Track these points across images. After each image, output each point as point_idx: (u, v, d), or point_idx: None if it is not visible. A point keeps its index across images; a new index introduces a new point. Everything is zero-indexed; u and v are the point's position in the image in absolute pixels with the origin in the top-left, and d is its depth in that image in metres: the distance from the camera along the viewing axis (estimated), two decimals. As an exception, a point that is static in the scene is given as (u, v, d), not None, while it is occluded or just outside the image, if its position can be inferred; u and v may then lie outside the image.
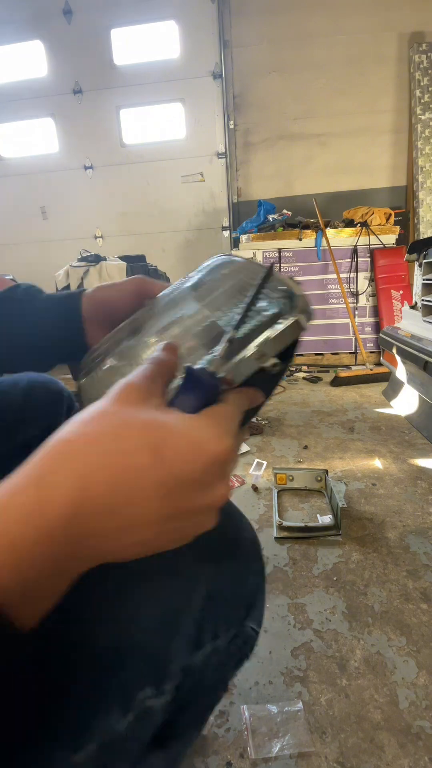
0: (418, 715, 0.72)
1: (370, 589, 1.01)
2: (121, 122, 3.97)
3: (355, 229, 3.29)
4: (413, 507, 1.33)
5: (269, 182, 3.94)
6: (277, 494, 1.42)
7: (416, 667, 0.81)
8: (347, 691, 0.77)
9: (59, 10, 3.78)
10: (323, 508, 1.36)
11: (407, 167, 3.76)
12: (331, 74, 3.68)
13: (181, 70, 3.81)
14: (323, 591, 1.01)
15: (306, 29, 3.62)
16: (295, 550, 1.16)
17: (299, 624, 0.92)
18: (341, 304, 3.30)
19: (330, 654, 0.85)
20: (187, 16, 3.71)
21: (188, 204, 4.02)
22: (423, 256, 1.66)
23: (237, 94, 3.82)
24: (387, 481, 1.50)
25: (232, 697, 0.77)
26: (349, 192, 3.85)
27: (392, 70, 3.64)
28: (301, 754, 0.67)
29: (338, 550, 1.15)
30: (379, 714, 0.73)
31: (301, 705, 0.74)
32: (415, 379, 1.61)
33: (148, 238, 4.11)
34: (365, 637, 0.88)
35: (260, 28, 3.67)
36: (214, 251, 4.05)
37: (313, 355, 3.41)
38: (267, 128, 3.84)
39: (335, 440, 1.89)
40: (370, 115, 3.72)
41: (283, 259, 3.30)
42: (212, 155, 3.92)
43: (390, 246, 3.30)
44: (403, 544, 1.16)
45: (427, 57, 3.52)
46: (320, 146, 3.82)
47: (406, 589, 1.00)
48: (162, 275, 3.06)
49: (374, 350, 3.34)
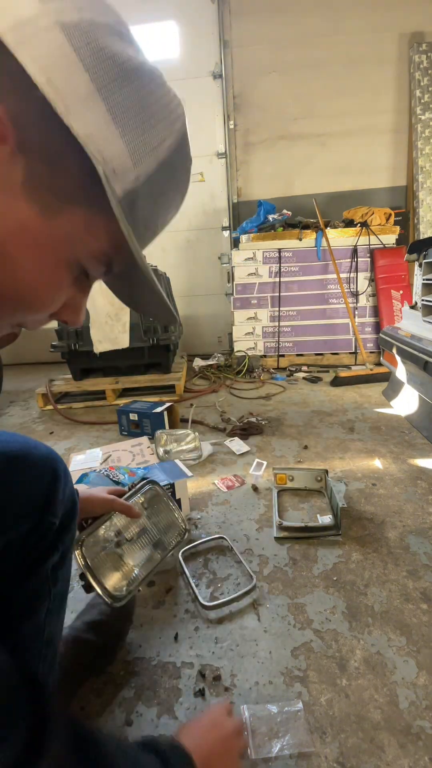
0: (418, 715, 0.72)
1: (370, 589, 1.01)
2: (121, 122, 3.98)
3: (355, 229, 3.29)
4: (413, 507, 1.33)
5: (269, 182, 3.94)
6: (277, 494, 1.42)
7: (416, 667, 0.81)
8: (347, 691, 0.77)
9: (59, 10, 3.78)
10: (323, 508, 1.36)
11: (407, 167, 3.76)
12: (331, 74, 3.68)
13: (181, 70, 3.81)
14: (323, 591, 1.01)
15: (306, 29, 3.62)
16: (295, 550, 1.17)
17: (299, 624, 0.92)
18: (341, 304, 3.30)
19: (330, 654, 0.85)
20: (187, 16, 3.71)
21: (188, 204, 3.96)
22: (423, 256, 1.66)
23: (237, 94, 3.81)
24: (387, 481, 1.50)
25: (232, 697, 0.77)
26: (349, 192, 3.85)
27: (392, 70, 3.64)
28: (301, 754, 0.67)
29: (338, 550, 1.15)
30: (379, 714, 0.73)
31: (301, 705, 0.74)
32: (415, 379, 1.61)
33: (148, 238, 4.11)
34: (365, 637, 0.88)
35: (260, 28, 3.66)
36: (214, 251, 4.07)
37: (313, 355, 3.41)
38: (267, 128, 3.84)
39: (335, 440, 1.89)
40: (370, 115, 3.72)
41: (283, 259, 3.31)
42: (212, 155, 3.91)
43: (390, 246, 3.30)
44: (403, 544, 1.16)
45: (427, 57, 3.52)
46: (320, 146, 3.82)
47: (406, 589, 1.00)
48: (162, 275, 3.05)
49: (374, 350, 3.34)
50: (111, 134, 0.29)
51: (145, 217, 0.36)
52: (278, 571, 1.09)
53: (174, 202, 0.40)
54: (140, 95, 0.31)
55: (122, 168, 0.30)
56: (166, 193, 0.37)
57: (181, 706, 0.76)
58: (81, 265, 0.35)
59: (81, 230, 0.32)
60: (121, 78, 0.30)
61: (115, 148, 0.30)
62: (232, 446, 1.86)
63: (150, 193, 0.34)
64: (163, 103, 0.33)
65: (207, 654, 0.86)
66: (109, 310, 2.59)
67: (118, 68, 0.30)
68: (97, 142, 0.29)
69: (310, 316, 3.39)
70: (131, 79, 0.31)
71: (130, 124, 0.30)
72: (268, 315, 3.41)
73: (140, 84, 0.31)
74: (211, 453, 1.80)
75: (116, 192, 0.30)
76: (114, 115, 0.29)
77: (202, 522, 1.32)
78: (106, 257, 0.35)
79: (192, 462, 1.72)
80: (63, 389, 2.69)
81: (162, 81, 0.34)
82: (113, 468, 1.26)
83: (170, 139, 0.34)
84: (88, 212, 0.32)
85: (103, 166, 0.29)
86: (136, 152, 0.31)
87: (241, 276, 3.38)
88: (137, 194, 0.32)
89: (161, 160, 0.33)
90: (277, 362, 3.42)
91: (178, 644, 0.89)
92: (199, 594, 1.00)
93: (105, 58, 0.29)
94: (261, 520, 1.31)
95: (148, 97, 0.32)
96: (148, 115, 0.32)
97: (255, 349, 3.47)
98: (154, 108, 0.32)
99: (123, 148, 0.30)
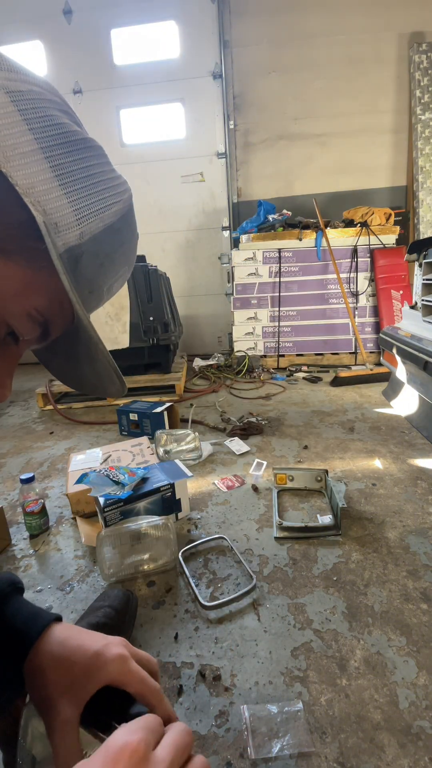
0: (418, 715, 0.72)
1: (370, 589, 1.01)
2: (121, 122, 3.97)
3: (355, 229, 3.29)
4: (413, 507, 1.33)
5: (269, 182, 3.94)
6: (277, 494, 1.42)
7: (416, 667, 0.81)
8: (347, 691, 0.77)
9: (59, 10, 3.78)
10: (323, 508, 1.36)
11: (407, 167, 3.76)
12: (331, 74, 3.68)
13: (181, 70, 3.81)
14: (323, 591, 1.01)
15: (306, 29, 3.62)
16: (295, 550, 1.17)
17: (299, 624, 0.92)
18: (341, 304, 3.30)
19: (330, 654, 0.85)
20: (187, 16, 3.71)
21: (188, 204, 4.02)
22: (423, 256, 1.66)
23: (237, 94, 3.81)
24: (387, 481, 1.49)
25: (232, 697, 0.77)
26: (349, 192, 3.85)
27: (392, 70, 3.64)
28: (301, 754, 0.67)
29: (338, 550, 1.15)
30: (379, 714, 0.73)
31: (301, 705, 0.74)
32: (415, 379, 1.61)
33: (148, 238, 4.11)
34: (365, 637, 0.88)
35: (260, 28, 3.67)
36: (214, 251, 4.07)
37: (313, 355, 3.41)
38: (267, 128, 3.84)
39: (335, 440, 1.89)
40: (370, 115, 3.72)
41: (283, 259, 3.31)
42: (212, 155, 3.91)
43: (390, 246, 3.30)
44: (403, 544, 1.16)
45: (427, 57, 3.52)
46: (320, 146, 3.82)
47: (406, 589, 1.00)
48: (162, 275, 3.05)
49: (374, 350, 3.34)
50: (53, 190, 0.28)
51: (90, 278, 0.34)
52: (278, 571, 1.09)
53: (121, 269, 0.38)
54: (86, 164, 0.31)
55: (65, 223, 0.29)
56: (113, 258, 0.35)
57: (181, 706, 0.76)
58: (9, 326, 0.31)
59: (16, 285, 0.30)
60: (67, 145, 0.29)
61: (57, 203, 0.29)
62: (232, 446, 1.86)
63: (95, 253, 0.32)
64: (110, 177, 0.33)
65: (207, 654, 0.86)
66: (109, 310, 2.59)
67: (64, 137, 0.29)
68: (37, 195, 0.28)
69: (310, 316, 3.39)
70: (78, 149, 0.30)
71: (75, 186, 0.30)
72: (268, 315, 3.42)
73: (87, 155, 0.31)
74: (211, 453, 1.80)
75: (57, 245, 0.29)
76: (58, 174, 0.29)
77: (202, 522, 1.32)
78: (43, 317, 0.32)
79: (192, 462, 1.72)
80: (63, 389, 2.69)
81: (108, 160, 0.33)
82: (113, 468, 1.26)
83: (117, 206, 0.33)
84: (28, 267, 0.30)
85: (43, 216, 0.28)
86: (81, 211, 0.30)
87: (241, 276, 3.38)
88: (81, 252, 0.31)
89: (108, 223, 0.32)
90: (277, 362, 3.42)
91: (178, 644, 0.89)
92: (199, 594, 1.00)
93: (51, 125, 0.29)
94: (261, 520, 1.31)
95: (95, 167, 0.31)
96: (94, 182, 0.31)
97: (255, 349, 3.47)
98: (100, 178, 0.32)
99: (66, 204, 0.29)
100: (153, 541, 1.11)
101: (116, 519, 1.15)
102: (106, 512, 1.14)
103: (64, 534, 1.32)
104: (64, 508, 1.46)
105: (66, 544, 1.27)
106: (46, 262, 0.29)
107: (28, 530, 1.31)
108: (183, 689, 0.79)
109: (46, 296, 0.31)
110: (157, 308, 2.67)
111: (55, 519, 1.40)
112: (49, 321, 0.33)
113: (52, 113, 0.29)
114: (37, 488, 1.31)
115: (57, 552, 1.23)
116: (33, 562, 1.19)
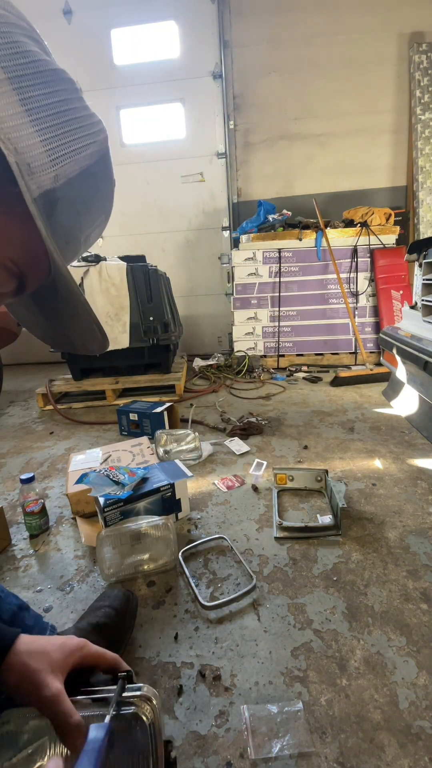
0: (418, 715, 0.72)
1: (370, 589, 1.01)
2: (121, 122, 3.97)
3: (355, 229, 3.29)
4: (413, 507, 1.33)
5: (269, 182, 3.94)
6: (277, 494, 1.42)
7: (416, 667, 0.81)
8: (347, 691, 0.77)
9: (59, 10, 3.78)
10: (323, 508, 1.36)
11: (407, 167, 3.76)
12: (331, 74, 3.68)
13: (181, 70, 3.81)
14: (323, 591, 1.01)
15: (306, 29, 3.62)
16: (295, 550, 1.17)
17: (299, 624, 0.92)
18: (341, 304, 3.30)
19: (330, 654, 0.85)
20: (187, 16, 3.71)
21: (188, 204, 4.02)
22: (423, 256, 1.66)
23: (237, 94, 3.81)
24: (387, 481, 1.50)
25: (232, 697, 0.77)
26: (349, 192, 3.85)
27: (392, 70, 3.64)
28: (301, 754, 0.67)
29: (338, 550, 1.15)
30: (379, 714, 0.73)
31: (301, 705, 0.73)
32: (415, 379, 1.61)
33: (148, 238, 4.11)
34: (365, 637, 0.88)
35: (260, 28, 3.66)
36: (214, 251, 4.07)
37: (313, 355, 3.41)
38: (267, 128, 3.84)
39: (335, 440, 1.89)
40: (370, 115, 3.72)
41: (283, 259, 3.31)
42: (212, 155, 3.91)
43: (390, 246, 3.30)
44: (403, 544, 1.16)
45: (427, 57, 3.52)
46: (320, 146, 3.82)
47: (406, 589, 1.00)
48: (162, 275, 3.05)
49: (374, 350, 3.34)
50: (24, 127, 0.26)
51: (67, 227, 0.32)
52: (278, 571, 1.09)
53: (98, 218, 0.36)
54: (58, 98, 0.28)
55: (38, 164, 0.27)
56: (89, 206, 0.33)
57: (181, 706, 0.76)
58: None
59: None
60: (37, 76, 0.27)
61: (29, 141, 0.26)
62: (232, 446, 1.86)
63: (71, 200, 0.30)
64: (84, 114, 0.30)
65: (207, 654, 0.86)
66: (109, 310, 2.59)
67: (34, 67, 0.27)
68: (7, 131, 0.25)
69: (310, 316, 3.39)
70: (48, 81, 0.28)
71: (47, 121, 0.27)
72: (268, 315, 3.42)
73: (58, 87, 0.29)
74: (211, 453, 1.80)
75: (31, 188, 0.27)
76: (28, 107, 0.26)
77: (202, 522, 1.32)
78: (18, 269, 0.31)
79: (192, 462, 1.72)
80: (63, 389, 2.69)
81: (81, 96, 0.31)
82: (113, 468, 1.26)
83: (93, 148, 0.31)
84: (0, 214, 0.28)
85: (15, 156, 0.26)
86: (55, 151, 0.28)
87: (241, 276, 3.38)
88: (56, 197, 0.29)
89: (83, 167, 0.30)
90: (277, 362, 3.42)
91: (178, 644, 0.89)
92: (199, 594, 1.00)
93: (18, 52, 0.26)
94: (261, 520, 1.31)
95: (68, 102, 0.29)
96: (68, 119, 0.29)
97: (255, 349, 3.47)
98: (74, 114, 0.29)
99: (38, 142, 0.27)
100: (153, 541, 1.11)
101: (116, 519, 1.15)
102: (106, 512, 1.14)
103: (64, 534, 1.32)
104: (64, 508, 1.46)
105: (66, 544, 1.27)
106: (21, 208, 0.27)
107: (28, 530, 1.31)
108: (183, 689, 0.79)
109: (21, 246, 0.30)
110: (157, 308, 2.67)
111: (55, 519, 1.40)
112: (25, 273, 0.32)
113: (18, 39, 0.27)
114: (37, 488, 1.31)
115: (57, 552, 1.23)
116: (33, 562, 1.19)
